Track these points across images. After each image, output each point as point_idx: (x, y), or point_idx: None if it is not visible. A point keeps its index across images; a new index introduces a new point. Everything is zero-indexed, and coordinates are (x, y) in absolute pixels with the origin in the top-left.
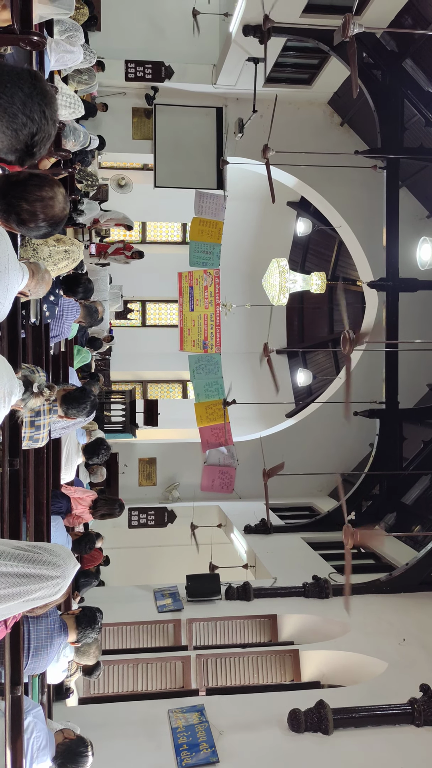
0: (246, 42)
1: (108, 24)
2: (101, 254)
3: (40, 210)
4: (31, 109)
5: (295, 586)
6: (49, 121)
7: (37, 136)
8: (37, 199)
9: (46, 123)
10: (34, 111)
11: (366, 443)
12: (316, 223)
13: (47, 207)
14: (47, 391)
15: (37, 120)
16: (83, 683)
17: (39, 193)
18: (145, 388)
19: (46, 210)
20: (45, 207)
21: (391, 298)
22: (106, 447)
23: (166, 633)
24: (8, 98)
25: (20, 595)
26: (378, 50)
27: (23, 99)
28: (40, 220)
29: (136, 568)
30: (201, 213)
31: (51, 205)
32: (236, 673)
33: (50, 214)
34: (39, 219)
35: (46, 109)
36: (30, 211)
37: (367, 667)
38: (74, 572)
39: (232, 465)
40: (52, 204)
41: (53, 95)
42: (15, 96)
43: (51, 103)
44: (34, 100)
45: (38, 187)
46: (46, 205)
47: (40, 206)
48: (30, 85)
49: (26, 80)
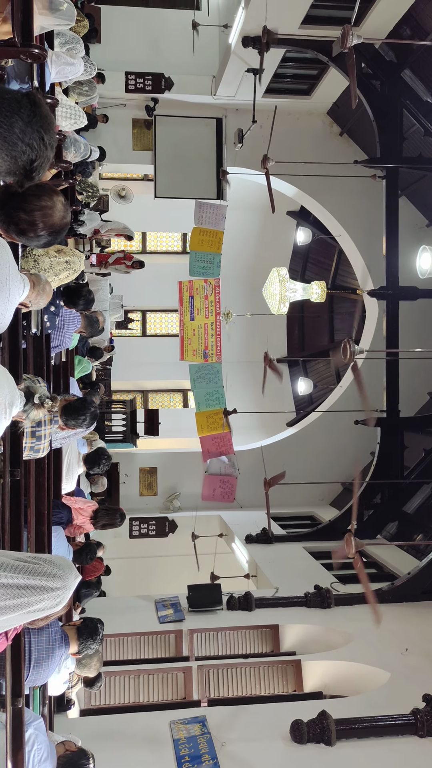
0: (245, 53)
1: (108, 36)
2: (102, 264)
3: (39, 219)
4: (30, 137)
5: (297, 596)
6: (48, 147)
7: (36, 162)
8: (36, 208)
9: (45, 149)
10: (33, 138)
11: (367, 452)
12: (316, 232)
13: (46, 216)
14: (49, 403)
15: (36, 147)
16: (84, 695)
17: (37, 202)
18: (145, 397)
19: (45, 219)
20: (44, 216)
21: (392, 307)
22: (107, 457)
23: (167, 644)
24: (8, 127)
25: (21, 606)
26: (377, 61)
27: (22, 127)
28: (40, 229)
29: (137, 578)
30: (201, 223)
31: (50, 214)
32: (238, 684)
33: (50, 222)
34: (39, 228)
35: (45, 135)
36: (29, 221)
37: (370, 677)
38: (76, 583)
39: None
40: (51, 213)
41: (52, 120)
42: (14, 124)
43: (50, 128)
44: (33, 127)
45: (36, 196)
46: (45, 214)
47: (39, 216)
48: (29, 112)
49: (25, 107)
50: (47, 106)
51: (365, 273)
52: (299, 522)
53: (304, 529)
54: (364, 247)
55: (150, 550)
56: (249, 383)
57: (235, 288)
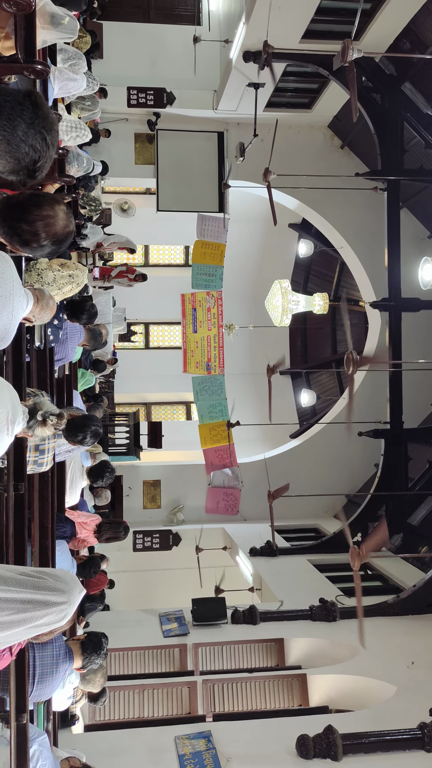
0: (246, 68)
1: (110, 51)
2: (104, 278)
3: (41, 229)
4: (33, 138)
5: (302, 609)
6: (51, 147)
7: (39, 162)
8: (37, 218)
9: (48, 148)
10: (35, 140)
11: (371, 464)
12: (318, 244)
13: (48, 225)
14: (54, 419)
15: (39, 148)
16: (89, 710)
17: (38, 212)
18: (149, 410)
19: (47, 228)
20: (46, 226)
21: (394, 318)
22: (111, 470)
23: (172, 658)
24: (11, 129)
25: (25, 621)
26: (377, 74)
27: (25, 129)
28: (43, 239)
29: (141, 591)
30: (203, 236)
31: (52, 223)
32: (243, 699)
33: (52, 232)
34: (42, 238)
35: (47, 135)
36: (31, 232)
37: (376, 691)
38: (80, 598)
39: (237, 487)
40: (53, 222)
41: (54, 119)
42: (17, 127)
43: (52, 128)
44: (36, 128)
45: (37, 206)
46: (47, 223)
47: (41, 225)
48: (32, 112)
49: (27, 109)
50: (47, 105)
51: (367, 284)
52: (303, 534)
53: (309, 542)
54: (366, 259)
55: (154, 564)
56: (252, 395)
57: (237, 300)
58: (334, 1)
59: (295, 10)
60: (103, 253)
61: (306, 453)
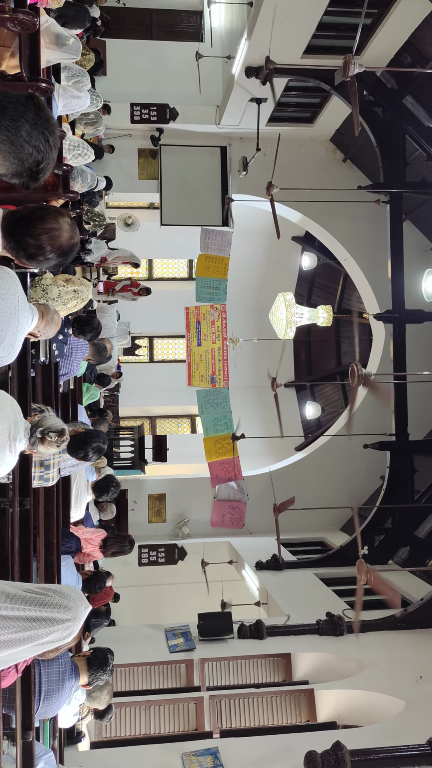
0: (248, 83)
1: (113, 68)
2: (109, 292)
3: (46, 242)
4: (36, 139)
5: (309, 624)
6: (53, 148)
7: (42, 163)
8: (42, 232)
9: (50, 150)
10: (39, 141)
11: (377, 476)
12: (321, 257)
13: (53, 238)
14: (53, 436)
15: (42, 149)
16: (95, 727)
17: (43, 225)
18: (153, 423)
19: (52, 241)
20: (51, 238)
21: (398, 330)
22: (116, 484)
23: (178, 673)
24: (14, 130)
25: (31, 639)
26: (378, 88)
27: (29, 130)
28: (48, 252)
29: (147, 606)
30: (207, 249)
31: (57, 235)
32: (250, 714)
33: (57, 244)
34: (47, 251)
35: (50, 136)
36: (36, 245)
37: (384, 706)
38: (86, 615)
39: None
40: (58, 234)
41: (55, 121)
42: (21, 128)
43: (54, 130)
44: (39, 129)
45: (42, 219)
46: (51, 236)
47: (45, 238)
48: (34, 114)
49: (30, 110)
50: (48, 108)
51: (371, 296)
52: (310, 548)
53: (315, 555)
54: (369, 271)
55: (159, 578)
56: (257, 408)
57: (241, 313)
58: (335, 17)
59: (297, 26)
60: (108, 268)
61: (311, 466)
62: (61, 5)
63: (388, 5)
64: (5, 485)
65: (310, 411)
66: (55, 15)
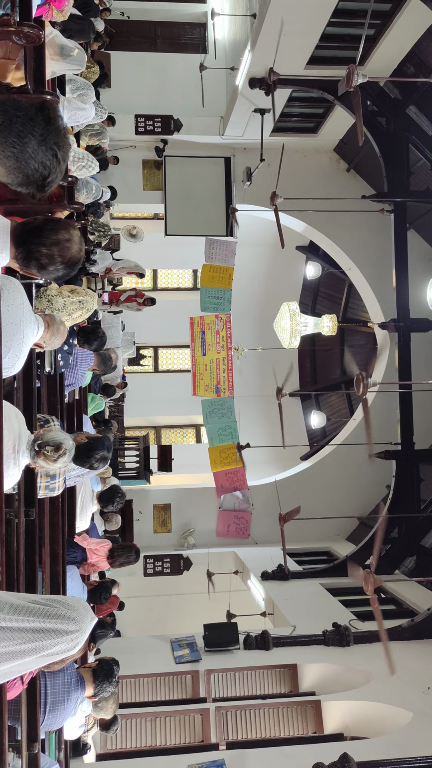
0: (252, 94)
1: (118, 80)
2: (114, 302)
3: (57, 253)
4: (43, 155)
5: (315, 634)
6: (61, 161)
7: (49, 178)
8: (55, 242)
9: (59, 164)
10: (46, 157)
11: (383, 485)
12: (326, 266)
13: (64, 249)
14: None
15: (49, 165)
16: (100, 738)
17: (56, 236)
18: (158, 433)
19: (63, 252)
20: (62, 249)
21: (403, 339)
22: (121, 494)
23: (184, 685)
24: (21, 147)
25: (37, 650)
26: (382, 98)
27: (35, 147)
28: (58, 262)
29: (152, 617)
30: (211, 259)
31: (68, 247)
32: (257, 726)
33: (68, 256)
34: (57, 262)
35: (59, 150)
36: (49, 255)
37: (392, 718)
38: (91, 626)
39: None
40: (69, 246)
41: (66, 133)
42: (27, 144)
43: (63, 143)
44: (48, 144)
45: (54, 230)
46: (63, 247)
47: (57, 249)
48: (43, 129)
49: (39, 124)
50: (60, 117)
51: (375, 305)
52: (315, 558)
53: (321, 565)
54: (374, 280)
55: (165, 589)
56: (262, 417)
57: (246, 323)
58: (338, 28)
59: (300, 37)
60: (113, 278)
61: (317, 475)
62: (66, 18)
63: (391, 16)
64: (11, 495)
65: (315, 420)
66: (60, 28)
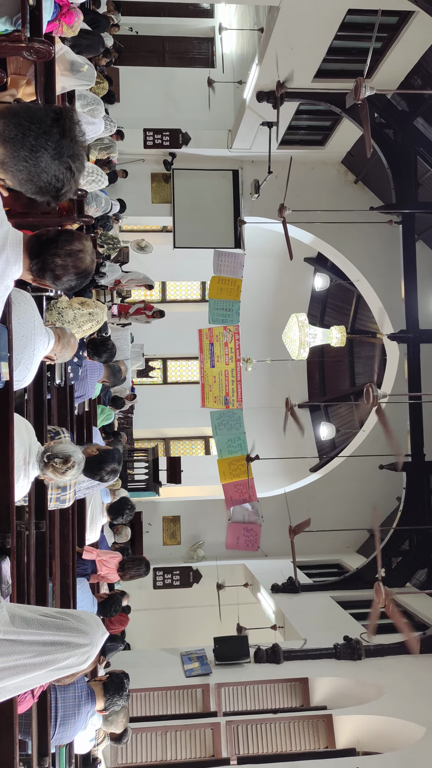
0: (260, 107)
1: (127, 95)
2: (122, 314)
3: (71, 264)
4: (57, 169)
5: (326, 648)
6: (76, 172)
7: (63, 189)
8: (69, 253)
9: (73, 175)
10: (60, 170)
11: (393, 497)
12: (334, 277)
13: (78, 260)
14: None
15: (62, 178)
16: (111, 753)
17: (70, 247)
18: (167, 445)
19: (77, 263)
20: (76, 260)
21: (412, 350)
22: (131, 507)
23: (194, 698)
24: (33, 161)
25: (48, 663)
26: (389, 110)
27: (48, 161)
28: (72, 273)
29: (162, 630)
30: (220, 271)
31: (81, 257)
32: (268, 740)
33: (81, 267)
34: (70, 272)
35: (73, 163)
36: (63, 266)
37: (405, 733)
38: (103, 640)
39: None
40: (83, 257)
41: (82, 143)
42: (41, 158)
43: (79, 155)
44: (62, 158)
45: (68, 242)
46: (77, 258)
47: (71, 260)
48: (57, 142)
49: (54, 136)
50: (77, 125)
51: (384, 316)
52: (326, 570)
53: (331, 578)
54: (382, 291)
55: (174, 601)
56: (271, 429)
57: (254, 334)
58: (345, 41)
59: (308, 51)
60: (122, 291)
61: (326, 487)
62: (76, 34)
63: (398, 29)
64: (21, 507)
65: (324, 432)
66: (70, 44)
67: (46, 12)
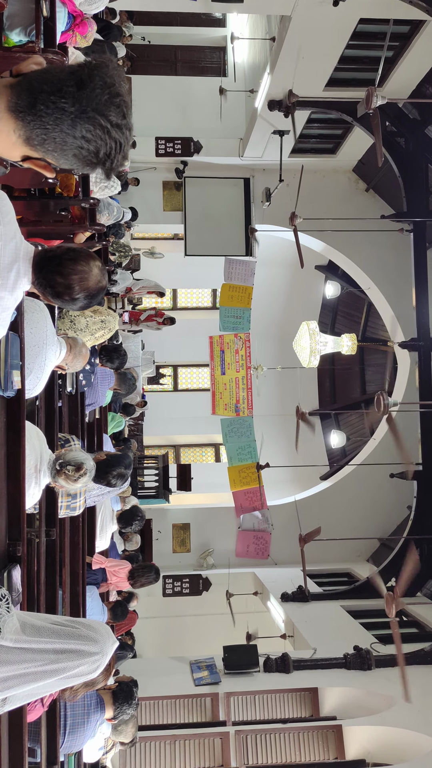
0: (271, 116)
1: (139, 104)
2: (133, 321)
3: (76, 283)
4: (83, 128)
5: (336, 657)
6: (112, 130)
7: (102, 152)
8: (72, 272)
9: (107, 133)
10: (86, 130)
11: (404, 506)
12: (345, 285)
13: (82, 280)
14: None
15: (92, 138)
16: (120, 762)
17: (73, 266)
18: (177, 452)
19: (81, 283)
20: (81, 280)
21: (424, 358)
22: (141, 515)
23: (203, 707)
24: (53, 126)
25: (59, 671)
26: (400, 119)
27: (68, 123)
28: (76, 292)
29: (171, 638)
30: (231, 279)
31: (86, 278)
32: (277, 750)
33: (86, 286)
34: (75, 291)
35: (102, 117)
36: (65, 285)
37: (415, 744)
38: (113, 649)
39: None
40: (87, 277)
41: (113, 87)
42: (60, 121)
43: (109, 104)
44: (86, 113)
45: (73, 261)
46: (81, 278)
47: (75, 279)
48: (72, 96)
49: (67, 90)
50: (105, 70)
51: (395, 324)
52: (336, 579)
53: (342, 587)
54: (393, 299)
55: (184, 609)
56: (281, 437)
57: (265, 342)
58: (357, 50)
59: (319, 60)
60: (133, 298)
61: (337, 495)
62: (89, 44)
63: (410, 38)
64: (32, 515)
65: (335, 439)
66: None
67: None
